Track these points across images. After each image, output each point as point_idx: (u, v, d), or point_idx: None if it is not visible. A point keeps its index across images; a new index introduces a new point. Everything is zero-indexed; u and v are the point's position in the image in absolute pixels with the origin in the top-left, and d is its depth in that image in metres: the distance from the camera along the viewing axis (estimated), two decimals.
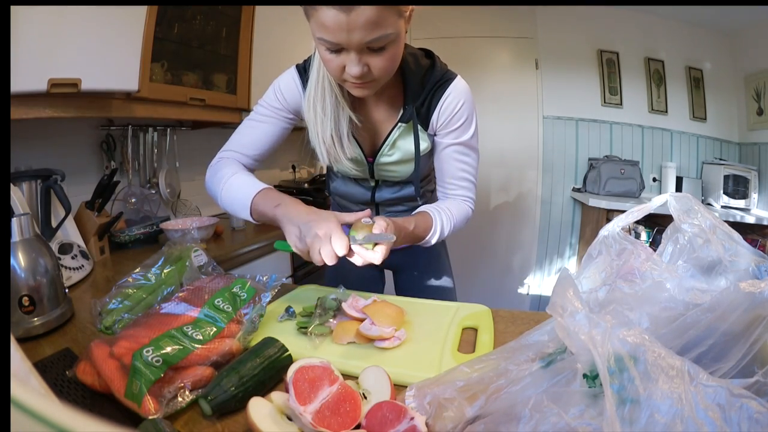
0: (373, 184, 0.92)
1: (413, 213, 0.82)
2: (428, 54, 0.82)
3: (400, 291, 1.10)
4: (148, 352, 0.50)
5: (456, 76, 0.80)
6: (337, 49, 0.62)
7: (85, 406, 0.51)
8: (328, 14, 0.57)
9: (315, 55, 0.74)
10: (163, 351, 0.52)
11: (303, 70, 0.80)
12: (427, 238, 0.80)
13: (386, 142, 0.82)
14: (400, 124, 0.80)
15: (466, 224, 0.88)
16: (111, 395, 0.49)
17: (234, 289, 0.68)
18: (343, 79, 0.67)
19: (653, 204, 0.51)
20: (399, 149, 0.82)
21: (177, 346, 0.53)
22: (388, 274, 1.17)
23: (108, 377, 0.49)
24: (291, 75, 0.82)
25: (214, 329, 0.59)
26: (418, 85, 0.78)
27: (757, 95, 2.45)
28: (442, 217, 0.81)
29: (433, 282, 1.05)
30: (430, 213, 0.81)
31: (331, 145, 0.78)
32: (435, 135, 0.84)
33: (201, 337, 0.57)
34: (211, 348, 0.56)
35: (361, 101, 0.80)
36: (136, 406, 0.46)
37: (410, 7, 0.65)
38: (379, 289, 1.15)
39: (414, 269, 1.06)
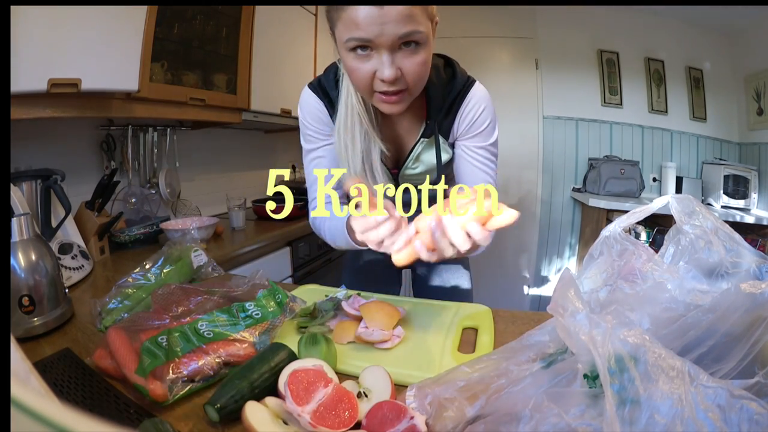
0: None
1: None
2: (448, 62, 0.80)
3: (418, 289, 1.09)
4: (162, 339, 0.56)
5: (475, 82, 0.78)
6: (367, 52, 0.60)
7: (85, 406, 0.51)
8: (361, 10, 0.57)
9: (342, 83, 0.72)
10: (172, 342, 0.56)
11: (319, 89, 0.78)
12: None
13: (410, 157, 0.81)
14: (422, 139, 0.78)
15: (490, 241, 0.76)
16: (122, 380, 0.55)
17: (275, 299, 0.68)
18: (372, 90, 0.64)
19: (655, 205, 0.51)
20: (422, 162, 0.81)
21: (184, 342, 0.56)
22: (405, 274, 1.15)
23: (122, 357, 0.54)
24: (312, 99, 0.79)
25: (228, 329, 0.61)
26: (439, 98, 0.76)
27: (757, 95, 2.45)
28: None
29: (452, 281, 1.04)
30: None
31: (362, 173, 0.76)
32: (455, 142, 0.81)
33: (211, 335, 0.58)
34: (218, 347, 0.57)
35: (386, 115, 0.75)
36: (142, 380, 0.50)
37: (436, 16, 0.65)
38: (396, 287, 1.14)
39: (433, 267, 1.04)
